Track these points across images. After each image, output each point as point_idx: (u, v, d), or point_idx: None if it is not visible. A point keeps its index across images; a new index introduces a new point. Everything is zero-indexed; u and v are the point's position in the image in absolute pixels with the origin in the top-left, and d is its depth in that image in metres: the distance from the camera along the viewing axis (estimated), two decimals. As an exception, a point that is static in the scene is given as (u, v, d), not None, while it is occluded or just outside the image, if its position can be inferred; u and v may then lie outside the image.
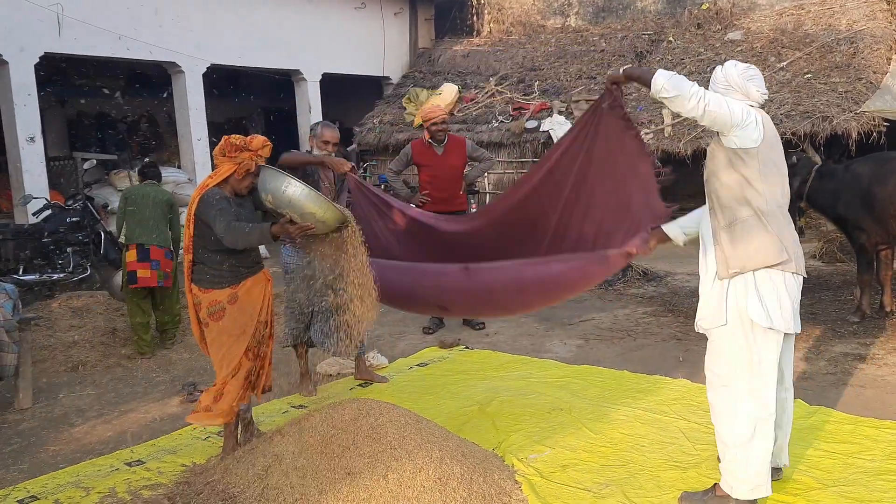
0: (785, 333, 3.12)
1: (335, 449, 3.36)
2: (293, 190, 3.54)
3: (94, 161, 9.21)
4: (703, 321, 3.24)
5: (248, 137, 3.76)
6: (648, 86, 3.02)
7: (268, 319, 3.96)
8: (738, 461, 3.10)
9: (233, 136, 3.76)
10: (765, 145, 3.06)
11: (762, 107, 3.18)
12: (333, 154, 4.80)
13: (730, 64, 3.20)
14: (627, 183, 3.59)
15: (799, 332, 3.20)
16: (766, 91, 3.20)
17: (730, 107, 2.97)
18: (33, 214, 7.80)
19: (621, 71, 3.38)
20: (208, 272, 3.78)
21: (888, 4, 11.12)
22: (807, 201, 6.11)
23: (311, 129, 4.90)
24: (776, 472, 3.36)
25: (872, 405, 4.22)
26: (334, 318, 4.34)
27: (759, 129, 3.04)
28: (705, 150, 3.40)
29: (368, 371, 5.16)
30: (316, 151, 4.77)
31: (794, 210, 8.90)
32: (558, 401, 4.46)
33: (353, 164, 4.60)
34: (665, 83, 2.94)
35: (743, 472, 3.09)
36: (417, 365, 5.48)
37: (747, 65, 3.18)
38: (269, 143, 3.78)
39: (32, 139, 8.11)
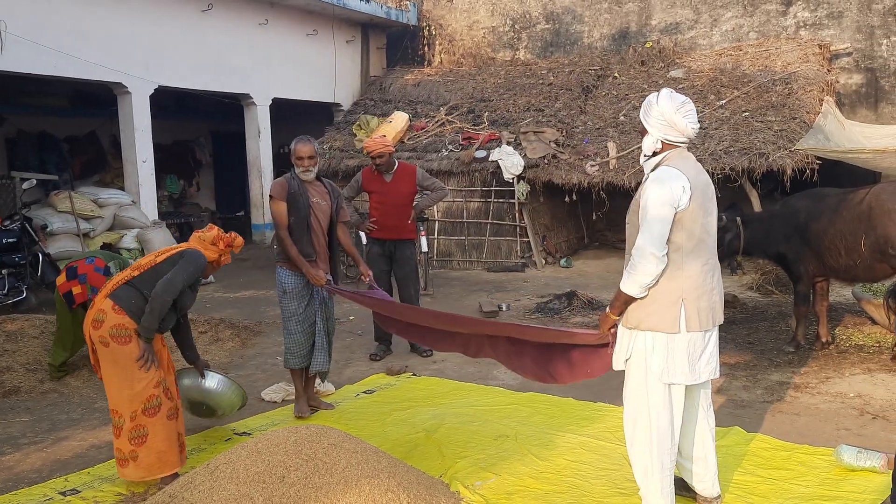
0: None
1: (280, 476, 3.31)
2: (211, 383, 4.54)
3: (34, 181, 8.92)
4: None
5: (230, 236, 4.14)
6: (628, 301, 3.13)
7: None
8: (648, 492, 3.22)
9: (227, 234, 4.18)
10: (690, 210, 3.07)
11: (691, 141, 3.22)
12: (311, 169, 4.74)
13: (664, 95, 3.15)
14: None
15: (715, 377, 3.26)
16: (698, 124, 3.19)
17: (652, 238, 3.03)
18: (-33, 234, 7.55)
19: (608, 311, 3.25)
20: (137, 303, 3.76)
21: (820, 49, 11.71)
22: (744, 253, 6.36)
23: (291, 146, 4.82)
24: (714, 501, 3.42)
25: (807, 432, 4.36)
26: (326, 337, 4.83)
27: (686, 197, 3.05)
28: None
29: (315, 397, 5.11)
30: (296, 169, 4.76)
31: (731, 264, 9.27)
32: (504, 428, 4.49)
33: (328, 278, 4.74)
34: (629, 288, 3.08)
35: (654, 500, 3.20)
36: (364, 392, 5.45)
37: (684, 98, 3.16)
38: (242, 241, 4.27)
39: (-31, 157, 7.90)
